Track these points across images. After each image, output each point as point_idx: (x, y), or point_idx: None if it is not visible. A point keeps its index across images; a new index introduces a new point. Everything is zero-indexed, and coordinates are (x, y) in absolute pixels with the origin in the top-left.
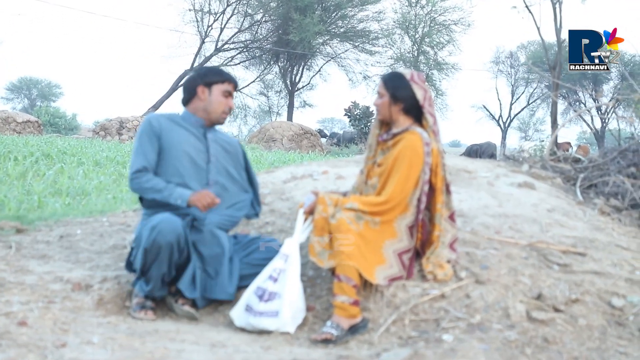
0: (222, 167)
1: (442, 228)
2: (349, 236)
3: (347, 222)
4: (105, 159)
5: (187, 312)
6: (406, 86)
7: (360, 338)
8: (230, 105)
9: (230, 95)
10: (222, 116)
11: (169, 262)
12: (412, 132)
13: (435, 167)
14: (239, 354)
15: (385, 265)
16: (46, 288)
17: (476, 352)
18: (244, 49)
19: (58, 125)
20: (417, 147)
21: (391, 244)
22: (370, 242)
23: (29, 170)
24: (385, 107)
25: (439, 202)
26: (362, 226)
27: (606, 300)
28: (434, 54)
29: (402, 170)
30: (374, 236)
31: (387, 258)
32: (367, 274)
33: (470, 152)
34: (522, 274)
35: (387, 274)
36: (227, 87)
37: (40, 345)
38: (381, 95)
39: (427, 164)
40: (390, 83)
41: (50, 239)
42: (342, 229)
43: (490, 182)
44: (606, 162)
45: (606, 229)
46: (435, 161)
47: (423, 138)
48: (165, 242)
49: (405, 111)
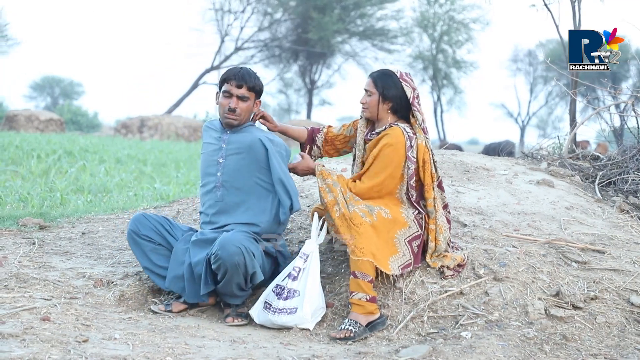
0: (234, 169)
1: (439, 223)
2: (388, 238)
3: (361, 215)
4: (126, 156)
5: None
6: (396, 85)
7: (378, 335)
8: (229, 105)
9: (231, 95)
10: (225, 117)
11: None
12: (394, 127)
13: (422, 163)
14: (258, 350)
15: (398, 255)
16: (69, 284)
17: (494, 349)
18: (263, 48)
19: (80, 124)
20: (398, 142)
21: (402, 233)
22: (383, 233)
23: (52, 168)
24: (374, 105)
25: (429, 197)
26: (375, 217)
27: (625, 298)
28: (453, 52)
29: (379, 168)
30: (387, 226)
31: (399, 247)
32: (382, 266)
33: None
34: (541, 272)
35: (400, 262)
36: (226, 87)
37: (62, 341)
38: (370, 93)
39: (410, 158)
40: (380, 81)
41: (72, 235)
42: (355, 222)
43: (509, 180)
44: (625, 159)
45: (625, 227)
46: (422, 157)
47: (405, 132)
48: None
49: (393, 110)
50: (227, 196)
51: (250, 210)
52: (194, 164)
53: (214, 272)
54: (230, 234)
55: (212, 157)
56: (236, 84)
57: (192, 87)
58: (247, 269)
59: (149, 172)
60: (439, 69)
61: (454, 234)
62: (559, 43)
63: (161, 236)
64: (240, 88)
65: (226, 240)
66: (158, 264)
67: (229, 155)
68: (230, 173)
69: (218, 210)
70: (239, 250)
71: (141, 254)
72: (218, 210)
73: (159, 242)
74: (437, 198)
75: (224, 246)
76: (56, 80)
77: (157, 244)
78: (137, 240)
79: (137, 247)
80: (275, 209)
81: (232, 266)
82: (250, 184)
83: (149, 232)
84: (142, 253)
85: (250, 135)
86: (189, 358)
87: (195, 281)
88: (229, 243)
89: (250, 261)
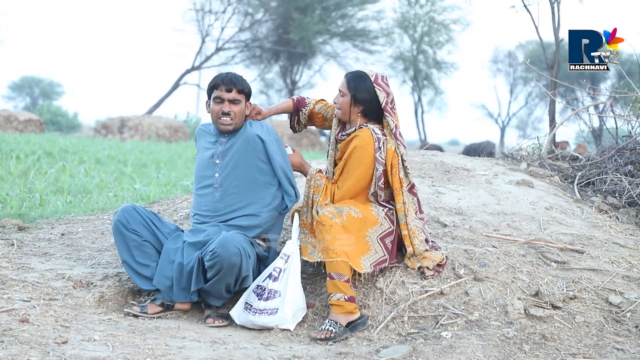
0: (232, 168)
1: (411, 228)
2: (351, 236)
3: (330, 217)
4: (106, 157)
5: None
6: (369, 89)
7: (359, 335)
8: (222, 110)
9: (222, 100)
10: (219, 122)
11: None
12: (364, 129)
13: (390, 168)
14: (239, 351)
15: (370, 253)
16: (48, 285)
17: (474, 349)
18: (244, 48)
19: (60, 124)
20: (367, 144)
21: (374, 231)
22: (354, 232)
23: (31, 169)
24: (345, 106)
25: (398, 202)
26: (345, 218)
27: (603, 297)
28: (433, 53)
29: (351, 169)
30: (358, 226)
31: (371, 245)
32: (354, 265)
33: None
34: (520, 271)
35: (372, 260)
36: (217, 93)
37: (41, 342)
38: (343, 94)
39: (379, 160)
40: (352, 83)
41: (51, 236)
42: (326, 224)
43: (489, 180)
44: (604, 160)
45: (603, 227)
46: (390, 161)
47: (374, 134)
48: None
49: (363, 114)
50: (226, 196)
51: (250, 206)
52: (175, 164)
53: (205, 270)
54: (230, 234)
55: (209, 159)
56: (226, 88)
57: (173, 87)
58: (242, 271)
59: (129, 172)
60: (419, 70)
61: (434, 234)
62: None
63: (150, 231)
64: (230, 92)
65: (226, 239)
66: (139, 261)
67: (226, 155)
68: (228, 172)
69: (216, 211)
70: (238, 251)
71: (124, 247)
72: (217, 211)
73: (146, 237)
74: (407, 203)
75: (223, 245)
76: (35, 81)
77: (143, 240)
78: (123, 232)
79: (122, 240)
80: (275, 200)
81: (228, 266)
82: (248, 180)
83: (137, 226)
84: (126, 247)
85: (245, 132)
86: (170, 359)
87: (184, 281)
88: (229, 242)
89: (246, 264)
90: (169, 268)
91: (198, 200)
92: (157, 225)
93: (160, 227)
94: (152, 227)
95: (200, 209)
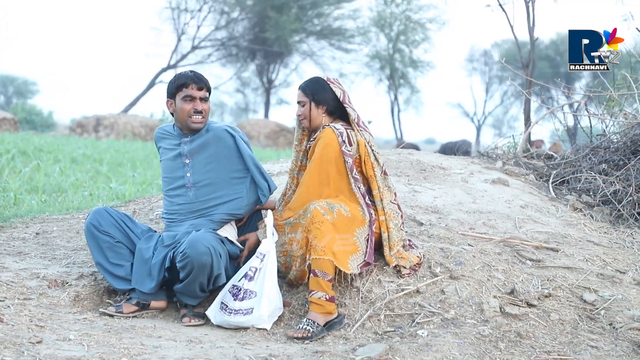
0: (204, 165)
1: (387, 212)
2: (342, 235)
3: (322, 213)
4: (81, 156)
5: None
6: (325, 87)
7: (336, 333)
8: (194, 108)
9: (193, 98)
10: (190, 121)
11: None
12: (325, 129)
13: (364, 157)
14: (215, 350)
15: (358, 254)
16: (22, 285)
17: (450, 347)
18: (220, 47)
19: (34, 123)
20: (331, 140)
21: (362, 231)
22: (343, 231)
23: (5, 168)
24: (308, 112)
25: (374, 188)
26: (336, 215)
27: (578, 295)
28: (409, 52)
29: (313, 163)
30: (347, 224)
31: (359, 246)
32: (342, 266)
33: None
34: (496, 270)
35: (359, 261)
36: (187, 92)
37: (16, 342)
38: (303, 103)
39: (346, 152)
40: (309, 89)
41: (26, 235)
42: (316, 220)
43: (465, 179)
44: (578, 158)
45: (578, 225)
46: (363, 151)
47: (335, 130)
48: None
49: (329, 112)
50: (200, 195)
51: (227, 204)
52: (151, 163)
53: (172, 270)
54: (200, 234)
55: (176, 160)
56: (197, 86)
57: (149, 86)
58: (213, 270)
59: (105, 171)
60: (395, 69)
61: (410, 232)
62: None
63: (122, 232)
64: (202, 90)
65: (195, 239)
66: (112, 262)
67: (195, 154)
68: (201, 171)
69: (191, 211)
70: (208, 250)
71: (97, 249)
72: (191, 211)
73: (118, 238)
74: (381, 187)
75: (192, 245)
76: (10, 79)
77: (116, 241)
78: (95, 234)
79: (94, 242)
80: (251, 193)
81: (199, 266)
82: (222, 177)
83: (109, 228)
84: (99, 248)
85: (210, 129)
86: (145, 358)
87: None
88: (198, 242)
89: (217, 262)
90: (144, 267)
91: (169, 201)
92: (129, 227)
93: (132, 228)
94: (125, 229)
95: (172, 209)
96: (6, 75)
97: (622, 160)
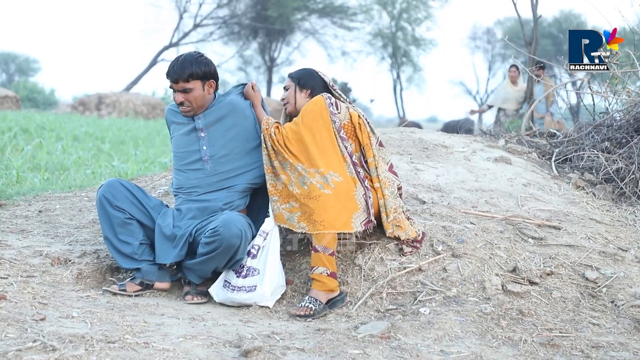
0: (219, 138)
1: (382, 179)
2: (342, 200)
3: (318, 187)
4: (84, 134)
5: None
6: (313, 75)
7: (338, 311)
8: (175, 100)
9: (174, 90)
10: (180, 110)
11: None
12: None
13: (358, 126)
14: (218, 328)
15: (359, 211)
16: (25, 262)
17: (452, 325)
18: (222, 25)
19: (36, 101)
20: (318, 101)
21: (358, 189)
22: (343, 194)
23: (7, 145)
24: (292, 96)
25: (369, 156)
26: (332, 185)
27: (580, 273)
28: (412, 30)
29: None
30: (346, 187)
31: (359, 203)
32: (345, 228)
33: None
34: (498, 248)
35: (362, 218)
36: (171, 84)
37: (19, 319)
38: (287, 87)
39: (334, 113)
40: (295, 75)
41: (29, 213)
42: (313, 195)
43: (467, 157)
44: (581, 136)
45: (580, 203)
46: (356, 120)
47: (324, 96)
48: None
49: (312, 96)
50: (219, 168)
51: (247, 174)
52: (153, 141)
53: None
54: (235, 215)
55: (190, 135)
56: (172, 79)
57: (151, 64)
58: (237, 254)
59: (107, 149)
60: (398, 47)
61: (412, 211)
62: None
63: (135, 206)
64: (177, 83)
65: (230, 219)
66: (120, 238)
67: (211, 126)
68: (218, 143)
69: (209, 183)
70: (240, 233)
71: (107, 223)
72: (209, 183)
73: (131, 214)
74: (377, 156)
75: (227, 224)
76: (12, 57)
77: (128, 217)
78: (107, 208)
79: (105, 216)
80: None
81: (227, 246)
82: (240, 147)
83: (123, 203)
84: (109, 223)
85: (225, 100)
86: (148, 336)
87: (171, 244)
88: (232, 223)
89: (243, 247)
90: (167, 244)
91: (184, 176)
92: (142, 200)
93: (145, 201)
94: (138, 201)
95: (189, 184)
96: (8, 52)
97: (625, 138)
